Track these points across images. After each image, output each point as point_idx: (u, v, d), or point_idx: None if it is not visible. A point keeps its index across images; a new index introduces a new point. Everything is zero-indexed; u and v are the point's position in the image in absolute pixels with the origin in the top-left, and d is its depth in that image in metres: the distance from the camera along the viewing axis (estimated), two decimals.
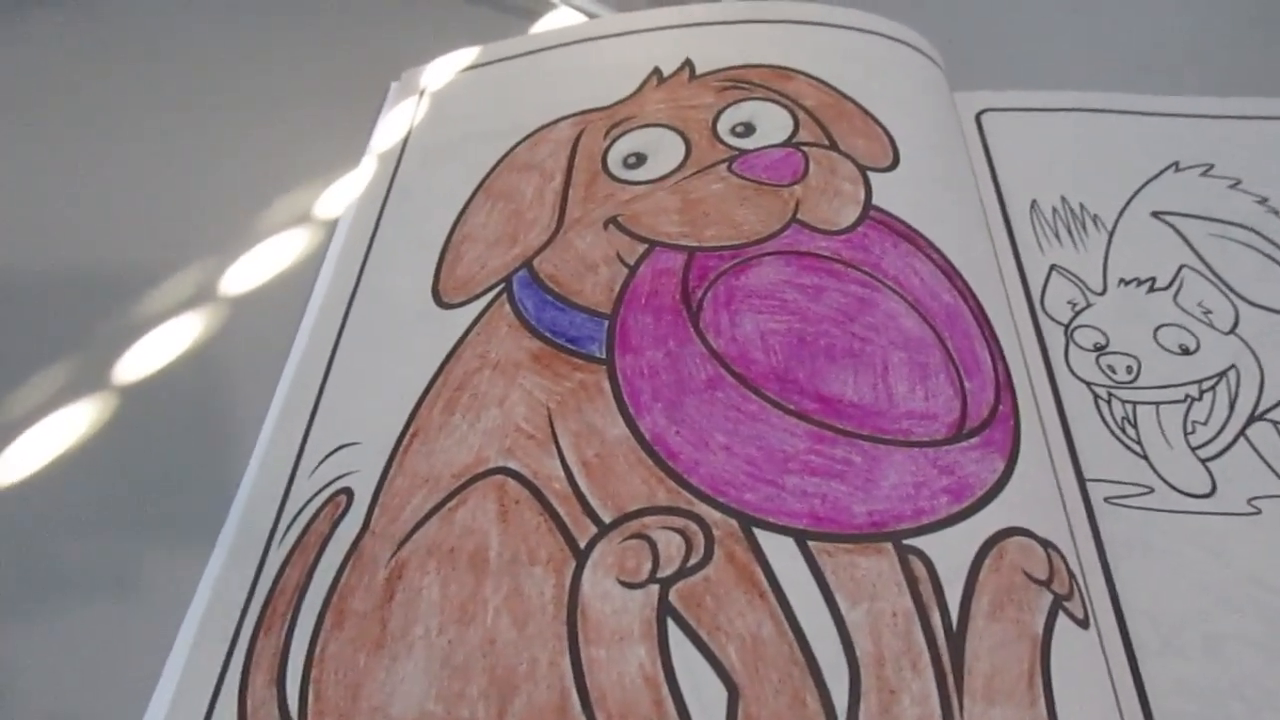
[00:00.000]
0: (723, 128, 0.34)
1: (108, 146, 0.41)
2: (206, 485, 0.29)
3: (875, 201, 0.31)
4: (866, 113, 0.34)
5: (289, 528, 0.27)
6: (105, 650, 0.26)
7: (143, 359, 0.33)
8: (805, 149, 0.32)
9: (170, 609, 0.27)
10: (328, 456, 0.28)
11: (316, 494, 0.28)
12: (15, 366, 0.33)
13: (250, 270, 0.36)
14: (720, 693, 0.22)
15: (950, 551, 0.23)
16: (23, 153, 0.41)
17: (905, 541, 0.24)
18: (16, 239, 0.38)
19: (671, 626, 0.23)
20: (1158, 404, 0.29)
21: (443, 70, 0.40)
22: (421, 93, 0.40)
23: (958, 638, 0.22)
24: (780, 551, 0.24)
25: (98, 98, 0.43)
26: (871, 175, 0.32)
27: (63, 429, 0.31)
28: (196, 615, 0.26)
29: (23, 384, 0.33)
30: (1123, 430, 0.29)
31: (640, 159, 0.33)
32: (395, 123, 0.39)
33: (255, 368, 0.32)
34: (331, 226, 0.37)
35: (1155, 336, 0.31)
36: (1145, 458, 0.28)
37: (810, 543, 0.24)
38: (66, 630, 0.27)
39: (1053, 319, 0.32)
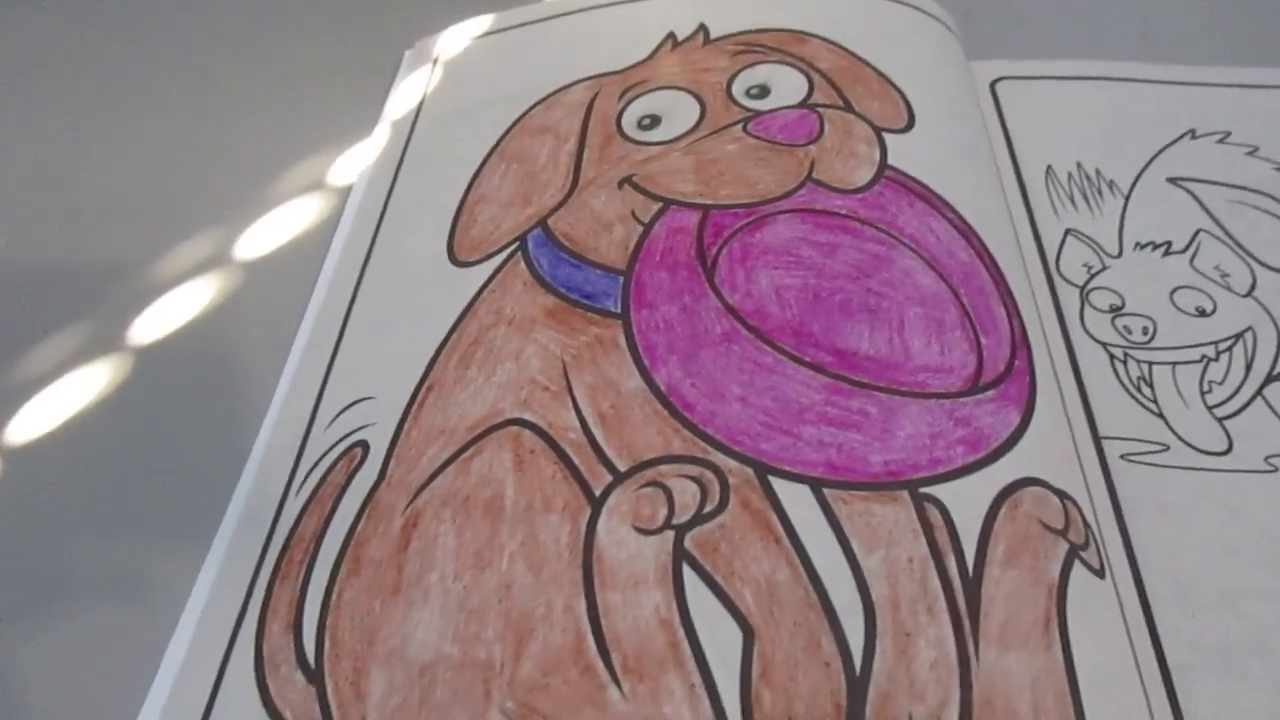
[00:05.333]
0: (737, 90, 0.34)
1: (127, 115, 0.41)
2: (223, 441, 0.30)
3: (891, 162, 0.31)
4: (882, 75, 0.34)
5: (305, 479, 0.27)
6: (124, 598, 0.26)
7: (161, 319, 0.33)
8: (820, 110, 0.32)
9: (187, 559, 0.27)
10: (344, 410, 0.28)
11: (333, 447, 0.28)
12: (37, 327, 0.33)
13: (266, 235, 0.36)
14: (736, 635, 0.22)
15: (966, 500, 0.23)
16: (44, 121, 0.42)
17: (921, 490, 0.24)
18: (38, 206, 0.38)
19: (687, 571, 0.23)
20: (1174, 364, 0.29)
21: (456, 38, 0.41)
22: (435, 60, 0.40)
23: (973, 584, 0.22)
24: (796, 499, 0.24)
25: (117, 67, 0.44)
26: (887, 136, 0.32)
27: (84, 387, 0.32)
28: (214, 564, 0.27)
29: (44, 344, 0.33)
30: (1138, 389, 0.29)
31: (655, 120, 0.33)
32: (409, 90, 0.39)
33: (271, 328, 0.33)
34: (346, 192, 0.37)
35: (1172, 299, 0.31)
36: (1161, 416, 0.28)
37: (826, 491, 0.24)
38: (89, 576, 0.27)
39: (1068, 281, 0.32)
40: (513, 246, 0.31)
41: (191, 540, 0.27)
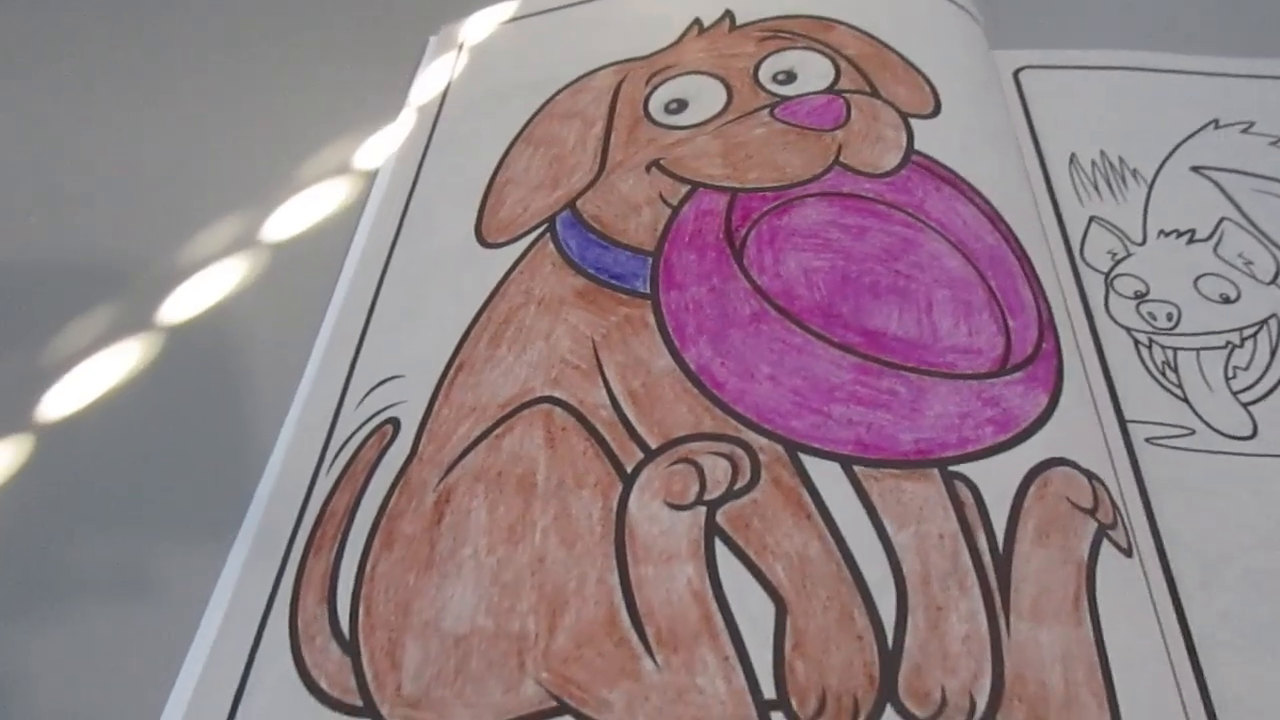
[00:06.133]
0: (764, 75, 0.34)
1: (156, 100, 0.42)
2: (253, 420, 0.30)
3: (917, 147, 0.31)
4: (908, 62, 0.34)
5: (336, 456, 0.28)
6: (158, 574, 0.27)
7: (190, 301, 0.34)
8: (847, 95, 0.32)
9: (219, 535, 0.27)
10: (373, 389, 0.29)
11: (363, 424, 0.28)
12: (68, 309, 0.34)
13: (293, 218, 0.36)
14: (768, 607, 0.22)
15: (996, 479, 0.24)
16: (71, 105, 0.42)
17: (951, 468, 0.24)
18: (66, 189, 0.38)
19: (719, 546, 0.23)
20: (1199, 350, 0.29)
21: (481, 24, 0.41)
22: (460, 46, 0.40)
23: (1004, 560, 0.22)
24: (827, 476, 0.24)
25: (144, 51, 0.44)
26: (914, 122, 0.32)
27: (115, 368, 0.32)
28: (246, 540, 0.27)
29: (74, 326, 0.33)
30: (1163, 374, 0.29)
31: (682, 105, 0.33)
32: (434, 76, 0.40)
33: (299, 309, 0.33)
34: (372, 176, 0.37)
35: (1196, 285, 0.31)
36: (1186, 401, 0.28)
37: (856, 468, 0.24)
38: (123, 552, 0.27)
39: (1093, 268, 0.32)
40: (541, 228, 0.31)
41: (224, 516, 0.28)
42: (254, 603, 0.25)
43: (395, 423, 0.27)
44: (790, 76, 0.34)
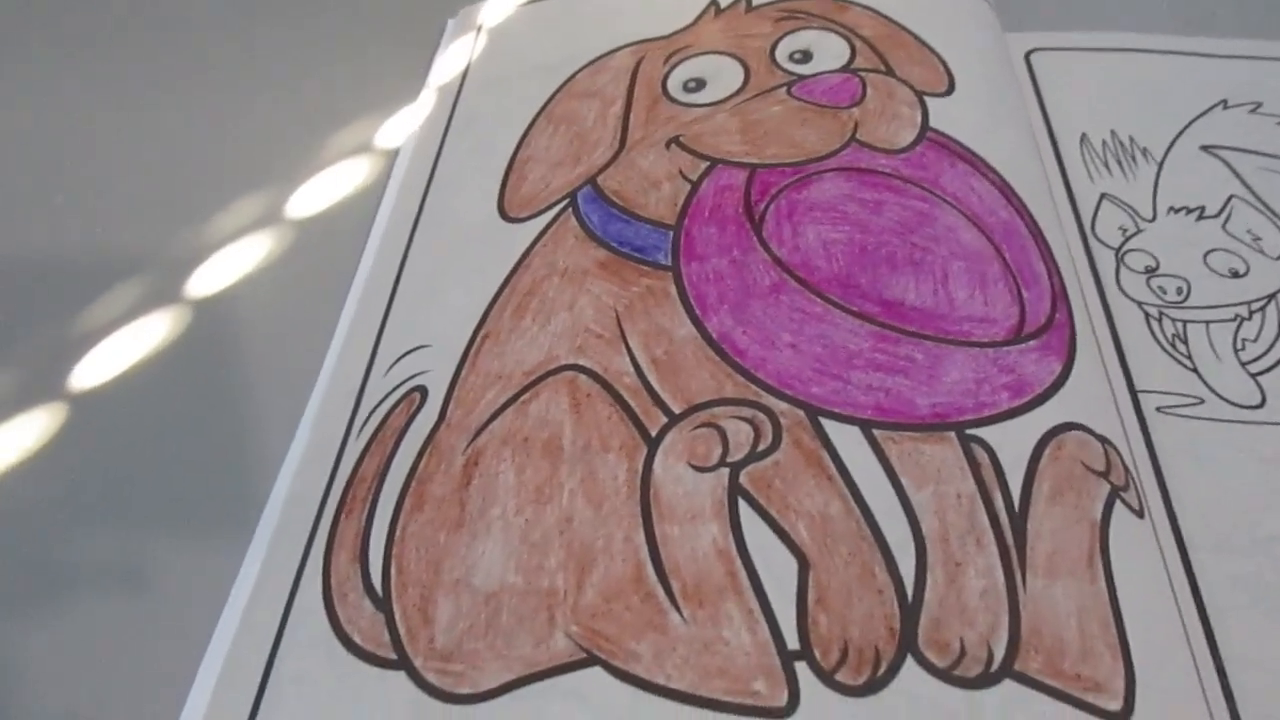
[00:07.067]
0: (781, 55, 0.34)
1: (181, 82, 0.42)
2: (281, 390, 0.31)
3: (932, 124, 0.32)
4: (922, 42, 0.35)
5: (365, 423, 0.28)
6: (195, 534, 0.27)
7: (219, 274, 0.34)
8: (863, 74, 0.33)
9: (252, 498, 0.28)
10: (400, 358, 0.29)
11: (391, 392, 0.29)
12: (97, 286, 0.34)
13: (317, 196, 0.37)
14: (791, 565, 0.23)
15: (1011, 441, 0.24)
16: (99, 84, 0.42)
17: (968, 431, 0.24)
18: (95, 166, 0.39)
19: (743, 506, 0.24)
20: (1208, 322, 0.30)
21: (500, 6, 0.41)
22: (479, 28, 0.41)
23: (1019, 519, 0.23)
24: (847, 439, 0.24)
25: (171, 35, 0.45)
26: (928, 100, 0.32)
27: (146, 340, 0.32)
28: (277, 502, 0.28)
29: (104, 300, 0.34)
30: (1173, 346, 0.29)
31: (700, 84, 0.34)
32: (454, 57, 0.40)
33: (325, 283, 0.33)
34: (393, 155, 0.38)
35: (1205, 260, 0.31)
36: (1195, 371, 0.29)
37: (876, 431, 0.24)
38: (161, 516, 0.28)
39: (1104, 243, 0.32)
40: (563, 203, 0.32)
41: (255, 482, 0.28)
42: (287, 563, 0.26)
43: (423, 390, 0.28)
44: (806, 56, 0.34)
